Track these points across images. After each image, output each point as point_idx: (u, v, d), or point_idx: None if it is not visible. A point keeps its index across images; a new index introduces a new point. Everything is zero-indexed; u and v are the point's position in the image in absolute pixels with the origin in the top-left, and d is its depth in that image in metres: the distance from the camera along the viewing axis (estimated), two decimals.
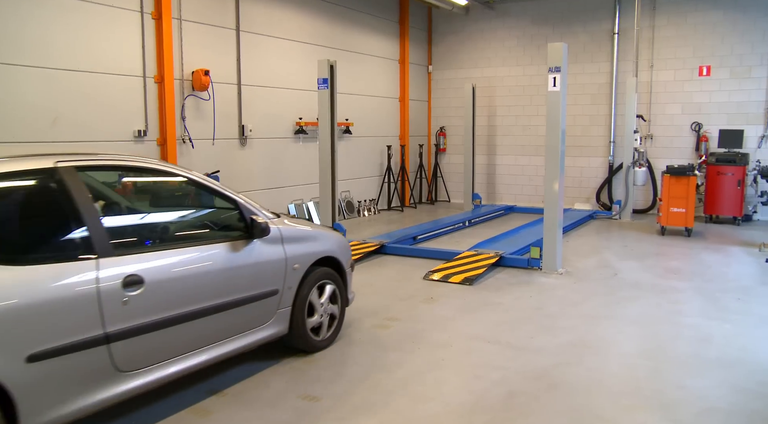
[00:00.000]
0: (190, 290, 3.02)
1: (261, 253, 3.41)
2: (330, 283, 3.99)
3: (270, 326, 3.56)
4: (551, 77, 5.89)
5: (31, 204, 2.64)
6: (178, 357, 2.98)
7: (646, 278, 5.96)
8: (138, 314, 2.75)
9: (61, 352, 2.46)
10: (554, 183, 6.01)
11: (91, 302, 2.58)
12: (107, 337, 2.63)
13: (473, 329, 4.47)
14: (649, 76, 10.40)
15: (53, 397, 2.45)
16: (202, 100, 7.53)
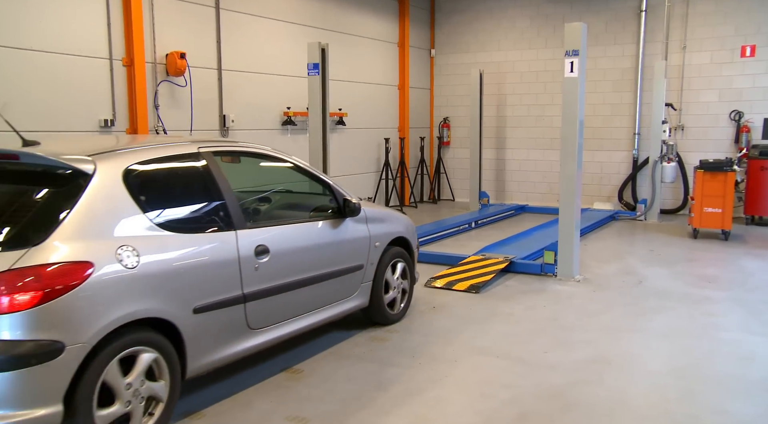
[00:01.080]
0: (301, 260, 3.87)
1: (351, 230, 4.30)
2: (401, 261, 4.85)
3: (355, 298, 4.42)
4: (568, 62, 5.86)
5: (186, 183, 3.45)
6: (290, 319, 3.83)
7: (676, 286, 5.92)
8: (265, 279, 3.56)
9: (215, 307, 3.26)
10: (571, 180, 5.97)
11: (234, 267, 3.38)
12: (245, 297, 3.44)
13: (480, 342, 4.44)
14: (680, 58, 10.32)
15: (207, 344, 3.24)
16: (178, 87, 7.48)
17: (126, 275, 2.85)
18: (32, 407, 2.56)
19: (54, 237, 2.70)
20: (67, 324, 2.63)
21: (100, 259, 2.78)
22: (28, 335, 2.55)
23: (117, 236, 2.90)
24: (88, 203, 2.86)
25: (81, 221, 2.81)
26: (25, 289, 2.55)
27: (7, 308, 2.52)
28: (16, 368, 2.52)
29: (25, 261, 2.60)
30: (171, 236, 3.12)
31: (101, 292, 2.74)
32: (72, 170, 2.94)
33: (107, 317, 2.75)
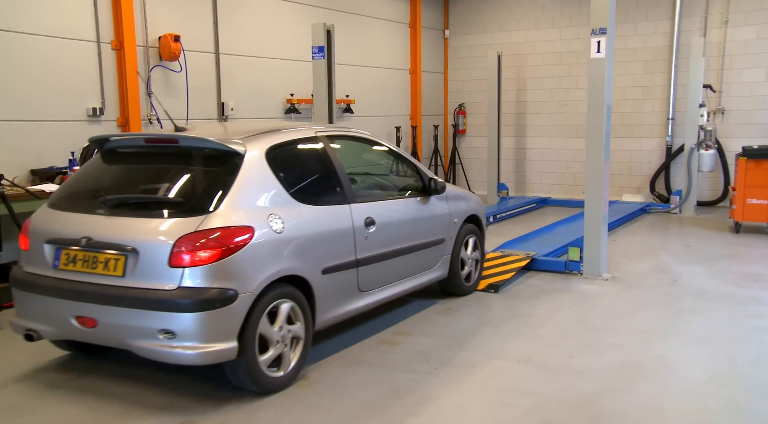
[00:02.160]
0: (399, 231, 4.70)
1: (436, 207, 5.13)
2: (474, 236, 5.64)
3: (437, 269, 5.20)
4: (595, 41, 5.80)
5: (311, 162, 4.34)
6: (389, 284, 4.64)
7: (716, 285, 5.86)
8: (372, 247, 4.38)
9: (337, 269, 4.07)
10: (597, 170, 5.92)
11: (350, 235, 4.20)
12: (357, 262, 4.25)
13: (499, 346, 4.43)
14: (721, 34, 10.13)
15: (330, 301, 4.05)
16: (172, 73, 7.49)
17: (275, 238, 3.66)
18: (216, 341, 3.39)
19: (223, 206, 3.52)
20: (239, 276, 3.44)
21: (257, 224, 3.59)
22: (212, 284, 3.37)
23: (266, 206, 3.72)
24: (244, 178, 3.67)
25: (240, 192, 3.61)
26: (208, 247, 3.37)
27: (196, 261, 3.36)
28: (204, 309, 3.34)
29: (205, 225, 3.42)
30: (304, 206, 3.94)
31: (260, 251, 3.56)
32: (229, 151, 3.76)
33: (265, 272, 3.56)
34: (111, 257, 3.50)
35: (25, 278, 3.79)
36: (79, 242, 3.58)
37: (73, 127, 6.57)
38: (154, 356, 3.44)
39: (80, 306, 3.54)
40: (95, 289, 3.49)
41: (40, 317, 3.72)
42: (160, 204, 3.68)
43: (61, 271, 3.64)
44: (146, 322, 3.38)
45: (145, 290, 3.38)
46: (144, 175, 3.98)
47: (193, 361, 3.38)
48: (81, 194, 4.00)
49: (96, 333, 3.55)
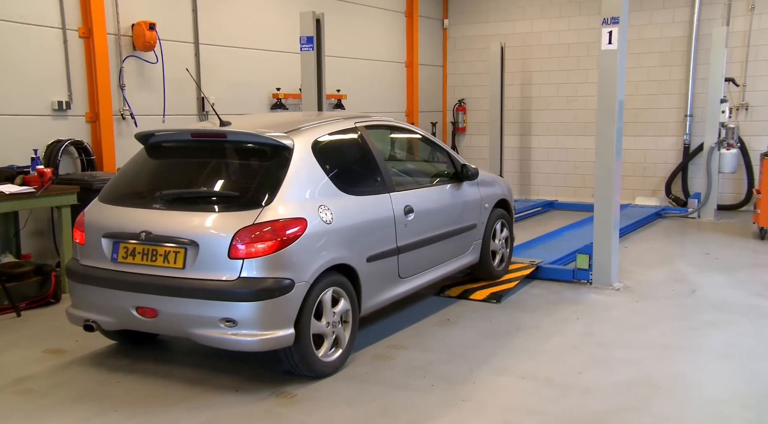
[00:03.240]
0: (436, 218, 5.14)
1: (467, 193, 5.59)
2: (503, 221, 6.12)
3: (468, 254, 5.68)
4: (606, 31, 5.81)
5: (353, 153, 4.76)
6: (425, 271, 5.09)
7: (739, 296, 5.87)
8: (411, 235, 4.81)
9: (380, 257, 4.51)
10: (608, 171, 5.94)
11: (391, 224, 4.62)
12: (398, 249, 4.68)
13: (502, 361, 4.43)
14: (746, 23, 10.14)
15: (374, 288, 4.51)
16: (148, 64, 7.48)
17: (326, 229, 4.06)
18: (274, 329, 3.80)
19: (277, 199, 3.91)
20: (295, 266, 3.85)
21: (309, 216, 3.98)
22: (270, 274, 3.78)
23: (315, 198, 4.12)
24: (294, 171, 4.07)
25: (292, 185, 4.02)
26: (265, 239, 3.77)
27: (255, 253, 3.75)
28: (264, 298, 3.74)
29: (262, 218, 3.81)
30: (349, 197, 4.35)
31: (312, 242, 3.96)
32: (278, 145, 4.15)
33: (318, 261, 3.97)
34: (171, 250, 3.89)
35: (83, 271, 4.19)
36: (138, 236, 3.97)
37: (36, 123, 6.53)
38: (215, 344, 3.85)
39: (140, 297, 3.94)
40: (156, 281, 3.90)
41: (99, 308, 4.14)
42: (217, 198, 4.08)
43: (120, 264, 4.04)
44: (207, 311, 3.78)
45: (206, 280, 3.79)
46: (193, 169, 4.37)
47: (253, 348, 3.81)
48: (132, 189, 4.41)
49: (156, 323, 3.97)
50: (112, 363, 4.46)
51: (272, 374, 4.22)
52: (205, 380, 4.15)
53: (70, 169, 6.79)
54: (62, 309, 5.63)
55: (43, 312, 5.58)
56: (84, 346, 4.76)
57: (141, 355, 4.58)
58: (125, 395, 3.98)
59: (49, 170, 5.89)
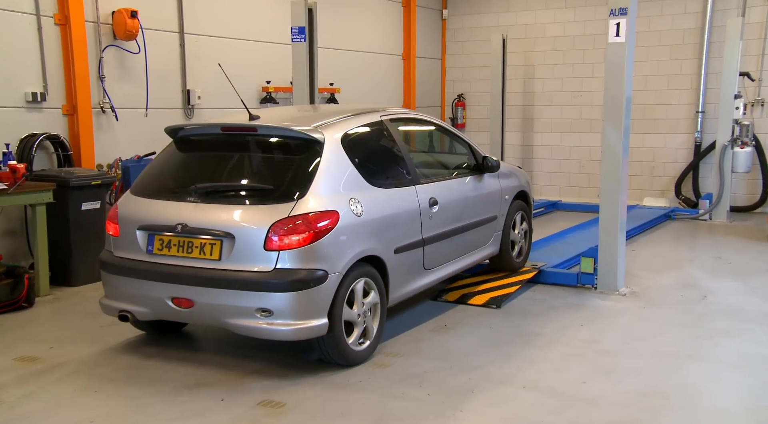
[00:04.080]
0: (459, 210, 5.48)
1: (488, 184, 5.95)
2: (522, 213, 6.51)
3: (489, 246, 6.03)
4: (613, 23, 5.82)
5: (380, 146, 5.11)
6: (448, 262, 5.42)
7: (753, 303, 5.87)
8: (436, 227, 5.13)
9: (407, 248, 4.81)
10: (615, 170, 5.95)
11: (417, 216, 4.93)
12: (423, 241, 4.99)
13: (502, 369, 4.42)
14: (763, 13, 10.12)
15: (401, 279, 4.81)
16: (129, 54, 7.46)
17: (357, 221, 4.36)
18: (309, 318, 4.10)
19: (310, 192, 4.21)
20: (328, 258, 4.14)
21: (341, 208, 4.28)
22: (305, 265, 4.07)
23: (346, 191, 4.41)
24: (326, 165, 4.36)
25: (324, 178, 4.31)
26: (300, 231, 4.07)
27: (290, 245, 4.05)
28: (299, 289, 4.04)
29: (296, 211, 4.11)
30: (377, 190, 4.66)
31: (344, 234, 4.25)
32: (309, 139, 4.43)
33: (349, 253, 4.27)
34: (207, 242, 4.19)
35: (118, 262, 4.48)
36: (174, 228, 4.25)
37: (7, 115, 6.48)
38: (250, 333, 4.16)
39: (176, 288, 4.24)
40: (192, 272, 4.18)
41: (134, 298, 4.43)
42: (251, 191, 4.40)
43: (155, 255, 4.33)
44: (244, 301, 4.08)
45: (243, 272, 4.08)
46: (224, 163, 4.70)
47: (287, 337, 4.13)
48: (163, 182, 4.70)
49: (191, 313, 4.26)
50: (89, 372, 4.44)
51: (259, 381, 4.21)
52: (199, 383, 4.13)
53: (45, 165, 6.75)
54: (36, 314, 5.64)
55: (15, 317, 5.54)
56: (59, 353, 4.74)
57: (122, 363, 4.57)
58: (104, 405, 3.96)
59: (22, 166, 5.86)
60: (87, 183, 6.39)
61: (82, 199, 6.37)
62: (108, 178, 6.68)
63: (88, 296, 6.07)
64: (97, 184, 6.49)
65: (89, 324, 5.32)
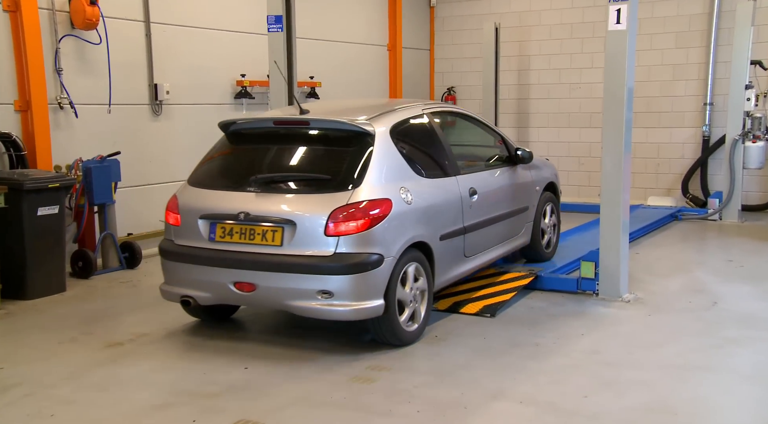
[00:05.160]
0: (495, 200, 6.12)
1: (521, 176, 6.58)
2: (551, 204, 7.17)
3: (521, 236, 6.65)
4: (614, 9, 5.84)
5: (424, 138, 5.71)
6: (485, 250, 6.04)
7: (766, 309, 5.89)
8: (475, 215, 5.76)
9: (450, 236, 5.43)
10: (616, 168, 5.96)
11: (458, 205, 5.56)
12: (464, 229, 5.62)
13: (497, 383, 4.42)
14: None
15: (445, 265, 5.41)
16: (89, 45, 7.39)
17: (407, 209, 4.96)
18: (367, 299, 4.68)
19: (365, 181, 4.81)
20: (383, 243, 4.74)
21: (393, 197, 4.88)
22: (363, 250, 4.67)
23: (397, 180, 5.02)
24: (378, 156, 4.96)
25: (377, 168, 4.91)
26: (358, 217, 4.67)
27: (349, 230, 4.63)
28: (358, 271, 4.63)
29: (354, 198, 4.71)
30: (423, 179, 5.28)
31: (397, 221, 4.85)
32: (361, 131, 5.04)
33: (402, 238, 4.87)
34: (269, 229, 4.75)
35: (180, 250, 5.05)
36: (236, 217, 4.82)
37: None
38: (311, 314, 4.74)
39: (239, 273, 4.79)
40: (255, 258, 4.76)
41: (196, 284, 4.98)
42: (310, 181, 5.01)
43: (217, 243, 4.90)
44: (305, 284, 4.65)
45: (304, 256, 4.67)
46: (278, 154, 5.32)
47: (347, 317, 4.71)
48: (220, 174, 5.34)
49: (253, 297, 4.84)
50: (45, 393, 4.34)
51: (235, 401, 4.16)
52: None
53: None
54: None
55: None
56: (11, 374, 4.65)
57: (82, 383, 4.47)
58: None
59: None
60: (43, 186, 6.30)
61: (37, 203, 6.28)
62: (67, 181, 6.59)
63: (45, 310, 6.00)
64: (55, 187, 6.40)
65: (46, 341, 5.25)
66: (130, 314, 5.90)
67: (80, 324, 5.64)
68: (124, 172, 7.34)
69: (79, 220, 7.03)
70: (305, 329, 5.44)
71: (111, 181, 7.12)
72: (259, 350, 5.03)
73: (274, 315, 5.78)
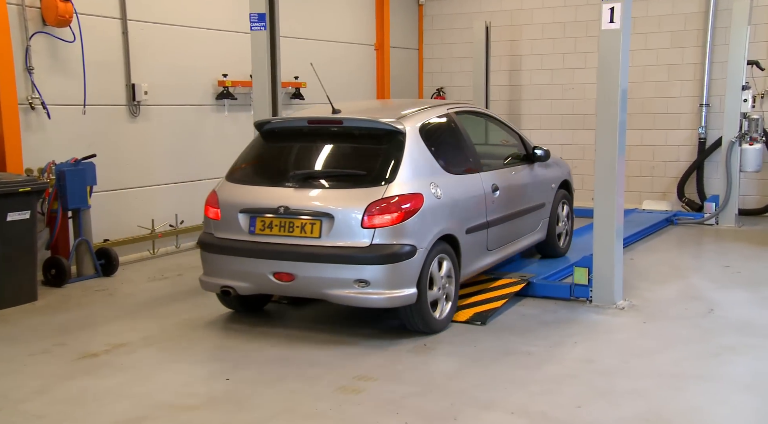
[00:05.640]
0: (515, 196, 6.59)
1: (538, 173, 7.12)
2: (566, 202, 7.70)
3: (537, 232, 7.17)
4: (607, 8, 5.86)
5: (450, 136, 6.15)
6: (505, 245, 6.51)
7: (764, 316, 5.92)
8: (497, 211, 6.23)
9: (475, 229, 5.90)
10: (610, 171, 5.98)
11: (482, 200, 6.03)
12: (487, 223, 6.08)
13: (488, 393, 4.41)
14: None
15: (469, 258, 5.88)
16: (62, 43, 7.34)
17: (437, 203, 5.43)
18: (400, 288, 5.13)
19: (398, 176, 5.27)
20: (416, 234, 5.20)
21: (424, 192, 5.33)
22: (398, 241, 5.12)
23: (427, 176, 5.48)
24: (409, 153, 5.43)
25: (409, 165, 5.37)
26: (392, 211, 5.12)
27: (384, 223, 5.10)
28: (393, 261, 5.08)
29: (388, 193, 5.18)
30: (450, 176, 5.74)
31: (428, 214, 5.30)
32: (392, 130, 5.49)
33: (433, 231, 5.34)
34: (307, 222, 5.20)
35: (220, 243, 5.51)
36: (277, 210, 5.27)
37: None
38: (348, 302, 5.19)
39: (278, 264, 5.23)
40: (294, 249, 5.19)
41: (236, 275, 5.41)
42: (346, 177, 5.46)
43: (257, 235, 5.35)
44: (342, 274, 5.10)
45: (342, 247, 5.12)
46: (313, 152, 5.78)
47: (382, 304, 5.13)
48: (257, 170, 5.85)
49: (291, 286, 5.26)
50: (15, 408, 4.30)
51: None
52: None
53: None
54: None
55: None
56: None
57: (56, 397, 4.43)
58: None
59: None
60: (13, 190, 6.22)
61: (7, 208, 6.21)
62: (39, 185, 6.53)
63: (15, 321, 5.93)
64: (26, 191, 6.33)
65: (16, 353, 5.19)
66: (105, 323, 5.85)
67: (52, 335, 5.57)
68: (100, 175, 7.29)
69: (52, 225, 6.97)
70: (290, 338, 5.42)
71: (86, 185, 7.06)
72: (241, 360, 5.01)
73: (258, 324, 5.75)
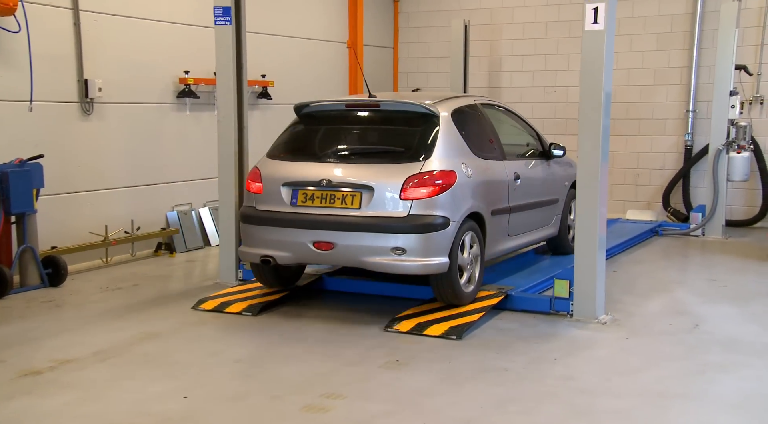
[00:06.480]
0: (534, 187, 7.35)
1: (553, 170, 7.87)
2: (575, 202, 7.60)
3: (551, 226, 7.87)
4: (591, 8, 5.92)
5: (477, 124, 6.96)
6: (522, 233, 7.26)
7: (752, 332, 5.98)
8: (518, 198, 6.97)
9: (499, 212, 6.67)
10: (592, 179, 6.03)
11: (505, 186, 6.80)
12: (510, 209, 6.85)
13: (463, 412, 4.41)
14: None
15: (493, 239, 6.64)
16: (6, 33, 7.24)
17: (468, 182, 6.15)
18: (435, 256, 5.81)
19: (434, 154, 6.01)
20: (450, 208, 5.91)
21: (457, 170, 6.06)
22: (435, 212, 5.83)
23: (459, 156, 6.20)
24: (443, 134, 6.19)
25: (443, 145, 6.13)
26: (429, 184, 5.85)
27: (421, 195, 5.82)
28: (429, 231, 5.77)
29: (426, 168, 5.91)
30: (479, 159, 6.47)
31: (461, 190, 6.04)
32: (428, 113, 6.28)
33: (464, 206, 6.06)
34: (348, 194, 5.92)
35: (261, 214, 6.21)
36: (319, 183, 6.00)
37: None
38: (385, 269, 5.86)
39: (318, 233, 5.91)
40: (334, 219, 5.90)
41: (277, 244, 6.08)
42: (385, 153, 6.29)
43: (299, 207, 6.06)
44: (380, 242, 5.78)
45: (380, 217, 5.83)
46: (351, 132, 6.71)
47: (416, 271, 5.81)
48: (298, 148, 6.57)
49: (331, 255, 5.95)
50: None
51: None
52: None
53: None
54: None
55: None
56: None
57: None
58: None
59: None
60: None
61: None
62: None
63: None
64: None
65: None
66: (51, 337, 5.75)
67: None
68: (48, 177, 7.20)
69: None
70: (253, 352, 5.38)
71: (32, 188, 6.95)
72: (200, 376, 4.95)
73: (219, 338, 5.71)
